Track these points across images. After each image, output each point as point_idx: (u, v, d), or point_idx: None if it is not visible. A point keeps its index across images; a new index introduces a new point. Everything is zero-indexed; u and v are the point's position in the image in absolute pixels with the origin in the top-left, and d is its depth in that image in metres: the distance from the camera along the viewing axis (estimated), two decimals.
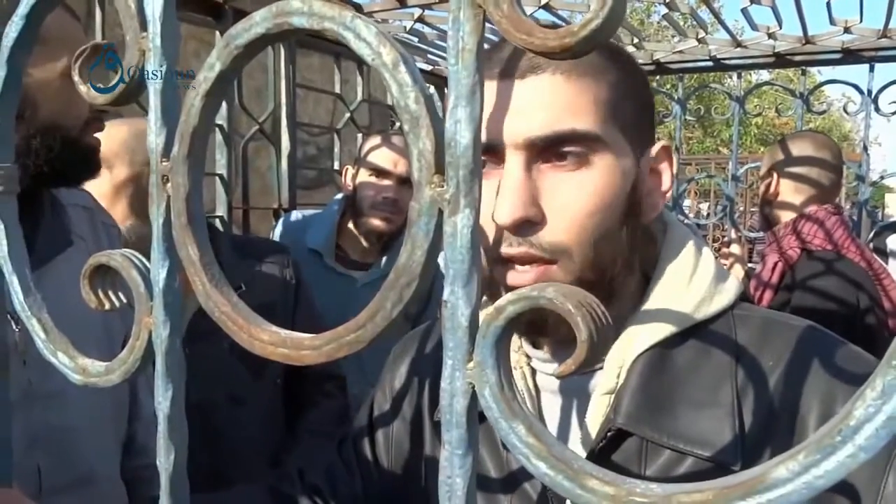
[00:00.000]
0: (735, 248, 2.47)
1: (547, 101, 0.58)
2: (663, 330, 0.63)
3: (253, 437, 1.66)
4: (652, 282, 0.66)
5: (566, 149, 0.58)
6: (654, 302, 0.65)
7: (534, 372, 0.69)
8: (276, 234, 2.06)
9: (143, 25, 0.34)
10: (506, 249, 0.59)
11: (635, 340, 0.63)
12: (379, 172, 1.87)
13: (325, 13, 0.28)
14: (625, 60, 0.64)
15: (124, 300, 0.40)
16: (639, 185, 0.63)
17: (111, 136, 1.48)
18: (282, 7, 0.29)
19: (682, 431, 0.59)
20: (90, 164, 0.99)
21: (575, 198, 0.58)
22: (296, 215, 2.11)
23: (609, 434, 0.61)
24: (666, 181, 0.66)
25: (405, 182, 1.85)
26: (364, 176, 1.90)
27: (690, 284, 0.65)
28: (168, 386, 0.36)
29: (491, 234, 0.60)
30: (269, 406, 1.67)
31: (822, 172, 1.92)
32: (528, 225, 0.58)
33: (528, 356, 0.69)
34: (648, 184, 0.65)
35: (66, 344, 0.42)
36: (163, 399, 0.37)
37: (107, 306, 0.39)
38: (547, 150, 0.58)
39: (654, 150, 0.65)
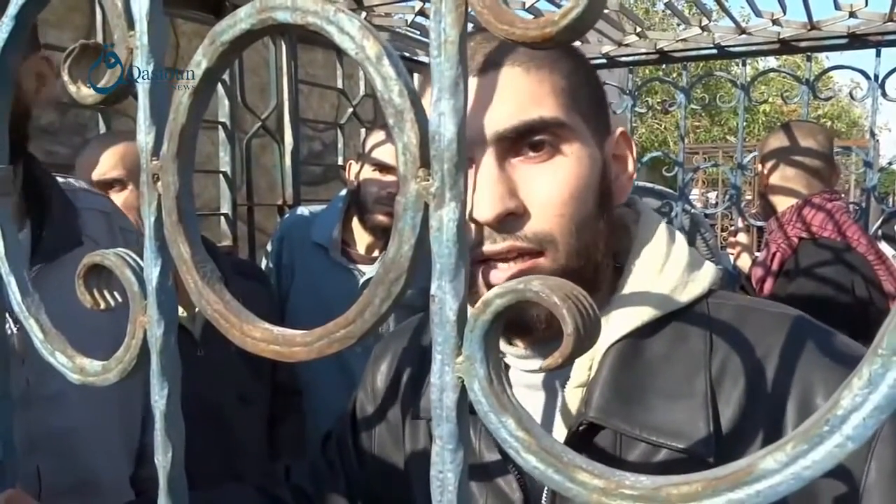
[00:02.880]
0: (742, 237, 2.47)
1: (509, 94, 0.58)
2: (635, 320, 0.62)
3: (261, 436, 1.67)
4: (625, 271, 0.65)
5: (538, 138, 0.58)
6: (626, 291, 0.64)
7: (506, 367, 0.68)
8: (282, 230, 2.07)
9: (131, 24, 0.34)
10: (488, 247, 0.57)
11: (607, 331, 0.62)
12: (382, 168, 1.86)
13: (309, 7, 0.28)
14: (574, 51, 0.66)
15: (120, 299, 0.40)
16: (606, 171, 0.64)
17: (131, 152, 1.51)
18: (266, 2, 0.29)
19: (654, 423, 0.58)
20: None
21: (554, 187, 0.58)
22: (301, 211, 2.11)
23: (581, 427, 0.60)
24: (629, 165, 0.68)
25: None
26: (368, 171, 1.89)
27: (662, 273, 0.64)
28: (164, 384, 0.36)
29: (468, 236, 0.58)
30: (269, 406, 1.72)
31: (807, 159, 1.95)
32: (510, 218, 0.57)
33: (500, 352, 0.68)
34: (614, 169, 0.66)
35: (64, 344, 0.42)
36: (159, 397, 0.37)
37: (102, 306, 0.39)
38: (517, 142, 0.58)
39: (615, 136, 0.66)
